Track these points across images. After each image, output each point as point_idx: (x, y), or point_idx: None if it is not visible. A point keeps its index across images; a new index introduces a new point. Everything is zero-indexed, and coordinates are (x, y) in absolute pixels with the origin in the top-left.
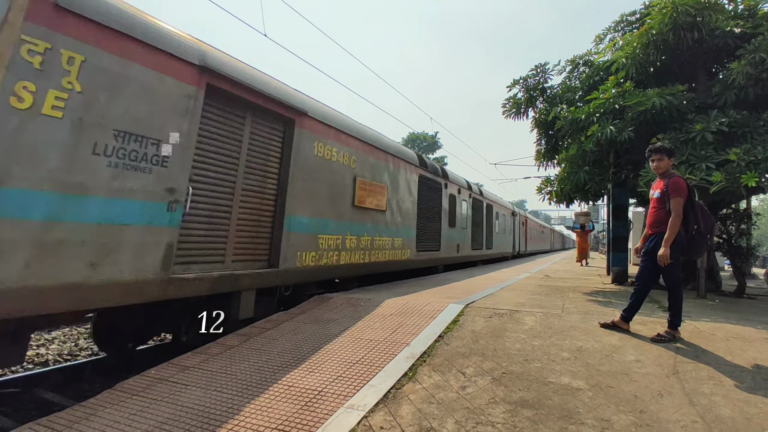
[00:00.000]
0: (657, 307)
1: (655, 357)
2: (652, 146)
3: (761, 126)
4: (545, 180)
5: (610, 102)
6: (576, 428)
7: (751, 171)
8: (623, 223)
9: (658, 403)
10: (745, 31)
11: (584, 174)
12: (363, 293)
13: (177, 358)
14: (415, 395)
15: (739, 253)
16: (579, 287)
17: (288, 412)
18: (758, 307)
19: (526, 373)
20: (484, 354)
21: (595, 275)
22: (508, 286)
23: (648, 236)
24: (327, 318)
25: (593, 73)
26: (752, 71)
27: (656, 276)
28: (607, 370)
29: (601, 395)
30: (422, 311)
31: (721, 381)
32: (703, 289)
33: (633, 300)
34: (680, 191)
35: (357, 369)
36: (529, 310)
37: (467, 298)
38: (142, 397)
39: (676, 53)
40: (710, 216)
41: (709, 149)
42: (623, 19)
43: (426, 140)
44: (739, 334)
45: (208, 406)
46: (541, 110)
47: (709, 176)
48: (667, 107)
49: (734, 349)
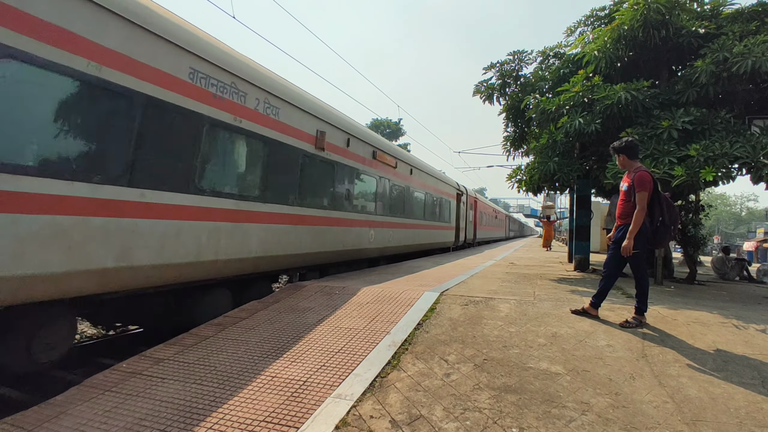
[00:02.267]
0: (621, 294)
1: (625, 341)
2: (612, 146)
3: (719, 123)
4: (516, 169)
5: (580, 96)
6: (559, 411)
7: (710, 166)
8: (586, 212)
9: (631, 385)
10: (708, 31)
11: (553, 164)
12: (336, 281)
13: (149, 350)
14: (401, 383)
15: (692, 242)
16: (545, 274)
17: (274, 403)
18: (710, 293)
19: (507, 360)
20: (464, 341)
21: (557, 262)
22: (477, 273)
23: (618, 227)
24: (303, 307)
25: (563, 65)
26: (715, 69)
27: (623, 264)
28: (581, 354)
29: (579, 379)
30: (398, 299)
31: (686, 363)
32: (659, 276)
33: (601, 287)
34: (645, 185)
35: (340, 358)
36: (503, 298)
37: (440, 285)
38: (115, 393)
39: (643, 50)
40: (674, 208)
41: (671, 144)
42: (593, 13)
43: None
44: (698, 318)
45: (188, 400)
46: (513, 96)
47: (672, 170)
48: (632, 102)
49: (695, 333)
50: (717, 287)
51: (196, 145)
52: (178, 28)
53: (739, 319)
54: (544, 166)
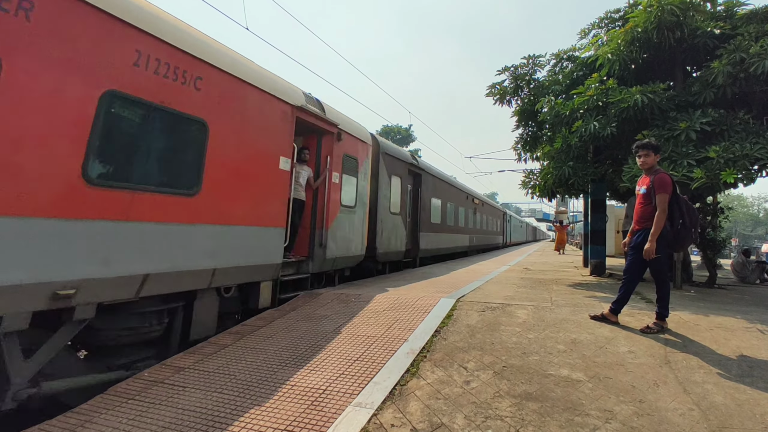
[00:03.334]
0: (640, 299)
1: (647, 348)
2: (640, 142)
3: (737, 124)
4: (528, 173)
5: (594, 99)
6: (582, 419)
7: (730, 168)
8: (601, 216)
9: (655, 392)
10: (724, 31)
11: (568, 169)
12: (352, 288)
13: (169, 359)
14: (421, 391)
15: (711, 245)
16: (561, 279)
17: (295, 412)
18: (731, 296)
19: (526, 366)
20: (483, 348)
21: (571, 266)
22: (492, 279)
23: (635, 231)
24: (319, 314)
25: (576, 68)
26: (732, 70)
27: (643, 269)
28: (602, 361)
29: (601, 386)
30: (415, 306)
31: (710, 370)
32: (679, 280)
33: (621, 293)
34: (666, 187)
35: (358, 366)
36: (520, 304)
37: (456, 292)
38: (139, 401)
39: (657, 51)
40: (695, 210)
41: (690, 146)
42: (607, 15)
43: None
44: (721, 324)
45: (210, 409)
46: (525, 100)
47: (691, 172)
48: (648, 105)
49: (719, 338)
50: (738, 291)
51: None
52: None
53: (763, 324)
54: (558, 170)
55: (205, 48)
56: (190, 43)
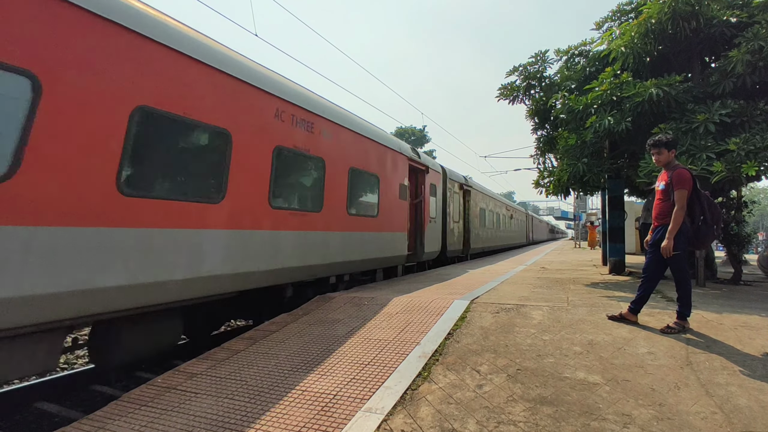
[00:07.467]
0: (660, 297)
1: (667, 348)
2: (650, 140)
3: (758, 115)
4: (541, 173)
5: (608, 94)
6: (598, 424)
7: (751, 160)
8: (619, 213)
9: (675, 395)
10: (741, 20)
11: (582, 165)
12: (365, 292)
13: (183, 365)
14: (433, 396)
15: (736, 241)
16: (578, 279)
17: (305, 417)
18: (756, 293)
19: (541, 369)
20: (496, 351)
21: (590, 265)
22: (507, 279)
23: (655, 228)
24: (332, 318)
25: (588, 64)
26: (751, 59)
27: (663, 267)
28: (621, 363)
29: (619, 389)
30: (428, 308)
31: (734, 371)
32: (702, 277)
33: (641, 292)
34: (684, 183)
35: (370, 370)
36: (535, 304)
37: (470, 293)
38: (151, 408)
39: (673, 43)
40: (716, 206)
41: (708, 139)
42: (620, 8)
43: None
44: (746, 322)
45: (221, 415)
46: (537, 99)
47: (710, 166)
48: (664, 98)
49: (743, 337)
50: (764, 287)
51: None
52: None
53: None
54: (573, 167)
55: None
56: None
